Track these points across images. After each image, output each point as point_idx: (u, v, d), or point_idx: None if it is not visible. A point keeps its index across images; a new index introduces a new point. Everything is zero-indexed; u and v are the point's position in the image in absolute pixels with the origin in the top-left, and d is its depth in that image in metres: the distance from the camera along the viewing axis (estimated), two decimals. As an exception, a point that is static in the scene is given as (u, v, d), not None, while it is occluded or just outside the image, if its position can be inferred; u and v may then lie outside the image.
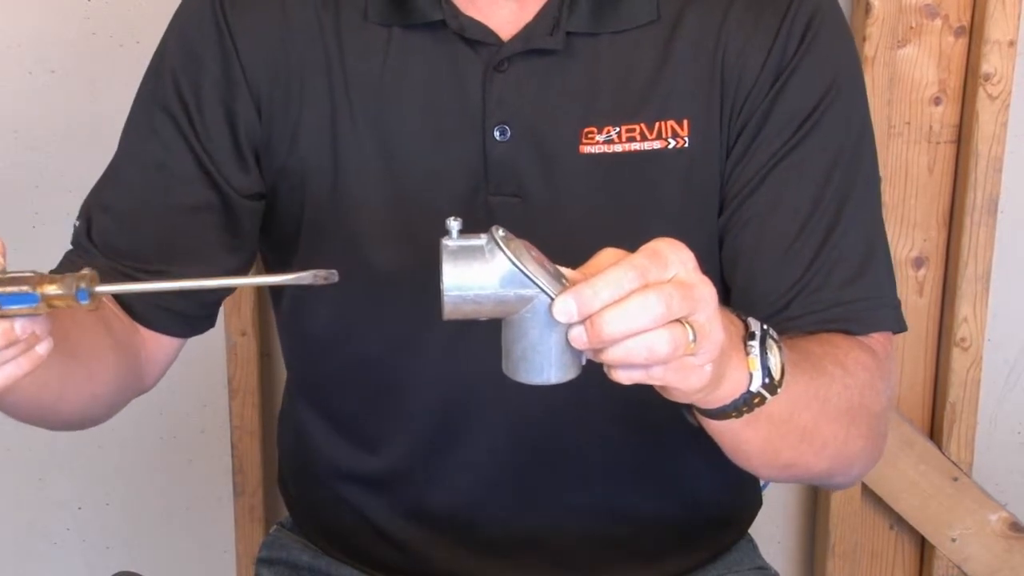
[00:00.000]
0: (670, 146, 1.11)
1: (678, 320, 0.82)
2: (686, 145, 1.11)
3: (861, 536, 1.92)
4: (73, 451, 1.89)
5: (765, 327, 0.94)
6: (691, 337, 0.82)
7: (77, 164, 1.78)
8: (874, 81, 1.73)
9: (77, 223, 1.18)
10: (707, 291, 0.84)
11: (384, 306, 1.15)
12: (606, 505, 1.21)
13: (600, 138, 1.11)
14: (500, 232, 0.84)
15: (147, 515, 1.93)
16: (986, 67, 1.75)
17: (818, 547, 1.96)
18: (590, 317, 0.81)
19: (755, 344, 0.93)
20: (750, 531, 1.34)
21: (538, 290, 0.83)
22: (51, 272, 0.90)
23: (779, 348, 0.95)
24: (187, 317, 1.18)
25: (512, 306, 0.84)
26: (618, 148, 1.11)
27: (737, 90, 1.11)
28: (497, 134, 1.11)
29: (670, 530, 1.24)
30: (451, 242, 0.85)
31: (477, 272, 0.84)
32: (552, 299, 0.82)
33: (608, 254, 0.84)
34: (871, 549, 1.95)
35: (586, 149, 1.11)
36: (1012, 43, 1.74)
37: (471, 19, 1.10)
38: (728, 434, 0.98)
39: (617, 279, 0.81)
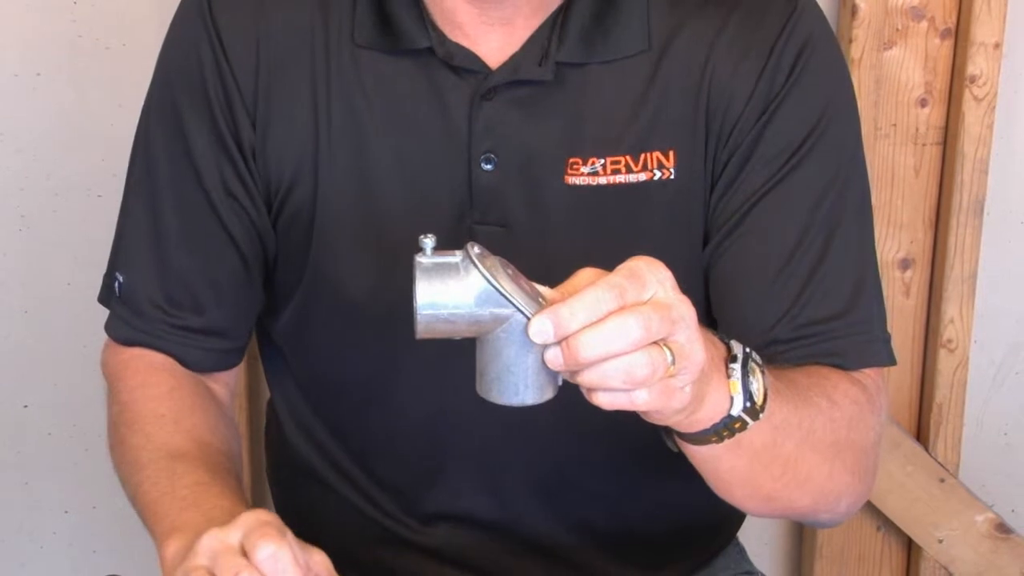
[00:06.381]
0: (655, 177, 1.10)
1: (656, 342, 0.81)
2: (672, 176, 1.09)
3: (848, 538, 1.92)
4: (59, 455, 1.89)
5: (748, 350, 0.93)
6: (670, 359, 0.81)
7: (63, 166, 1.78)
8: (860, 83, 1.73)
9: (121, 279, 1.18)
10: (686, 310, 0.83)
11: (367, 330, 1.15)
12: (594, 513, 1.21)
13: (585, 169, 1.09)
14: (475, 249, 0.83)
15: (134, 519, 1.91)
16: (972, 69, 1.75)
17: (805, 549, 1.96)
18: (566, 338, 0.80)
19: (737, 367, 0.91)
20: (738, 534, 1.34)
21: (514, 309, 0.81)
22: None
23: (762, 373, 0.94)
24: (238, 347, 1.21)
25: (487, 325, 0.82)
26: (602, 180, 1.09)
27: (724, 121, 1.09)
28: (483, 163, 1.09)
29: (659, 537, 1.24)
30: (425, 259, 0.83)
31: (451, 290, 0.82)
32: (528, 319, 0.80)
33: (587, 274, 0.83)
34: (858, 551, 1.95)
35: (571, 180, 1.09)
36: (998, 45, 1.74)
37: (458, 46, 1.09)
38: (709, 461, 0.97)
39: (595, 300, 0.80)
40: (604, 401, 0.83)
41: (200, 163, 1.13)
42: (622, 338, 0.80)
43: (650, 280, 0.82)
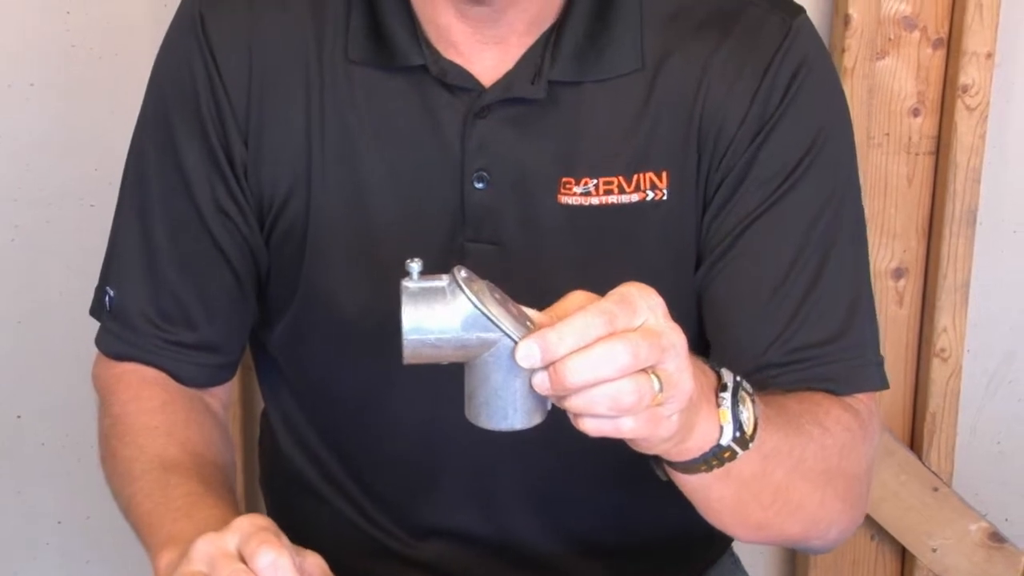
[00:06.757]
0: (648, 198, 1.09)
1: (644, 370, 0.80)
2: (665, 197, 1.09)
3: (842, 547, 1.92)
4: (53, 465, 1.89)
5: (738, 379, 0.92)
6: (657, 387, 0.80)
7: (56, 176, 1.78)
8: (853, 93, 1.74)
9: (112, 292, 1.18)
10: (676, 338, 0.82)
11: (360, 344, 1.14)
12: (587, 526, 1.20)
13: (578, 190, 1.09)
14: (462, 273, 0.82)
15: (128, 530, 1.91)
16: (964, 79, 1.75)
17: (799, 559, 1.96)
18: (553, 364, 0.79)
19: (727, 396, 0.90)
20: (732, 544, 1.34)
21: (501, 334, 0.80)
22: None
23: (752, 401, 0.92)
24: (231, 362, 1.21)
25: (474, 350, 0.81)
26: (595, 201, 1.09)
27: (716, 143, 1.08)
28: (476, 181, 1.09)
29: (653, 548, 1.23)
30: (411, 283, 0.82)
31: (438, 315, 0.81)
32: (515, 343, 0.79)
33: (577, 297, 0.82)
34: (852, 559, 1.95)
35: (564, 200, 1.09)
36: (990, 55, 1.75)
37: (452, 64, 1.08)
38: (699, 490, 0.95)
39: (584, 325, 0.79)
40: (590, 427, 0.81)
41: (192, 179, 1.13)
42: (609, 364, 0.78)
43: (641, 307, 0.81)
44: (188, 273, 1.15)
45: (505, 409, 0.82)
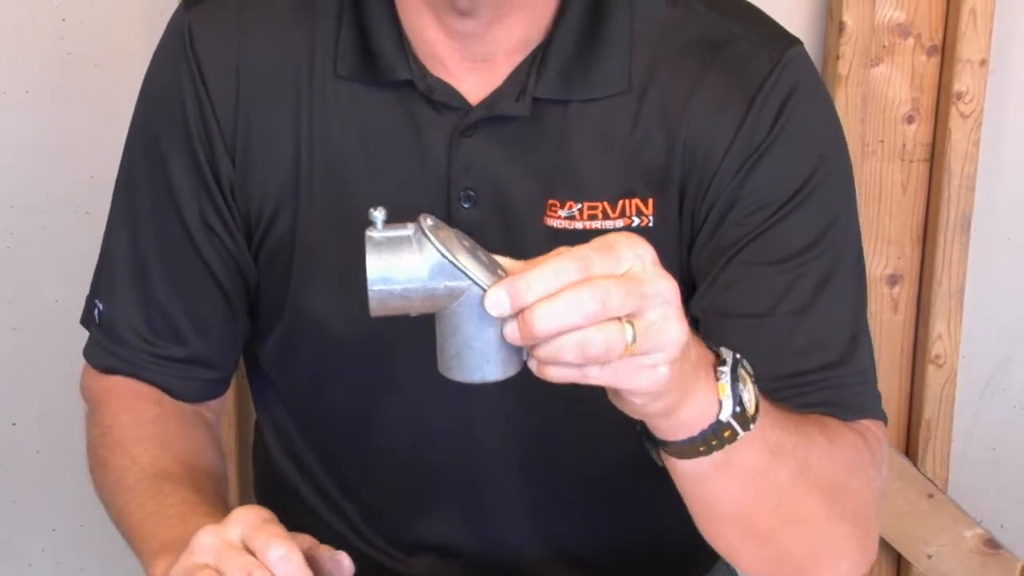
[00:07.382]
0: (634, 224, 1.07)
1: (621, 318, 0.76)
2: (651, 224, 1.07)
3: (837, 553, 1.92)
4: (47, 473, 1.88)
5: (738, 356, 0.89)
6: (630, 337, 0.77)
7: (51, 184, 1.78)
8: (848, 100, 1.74)
9: (101, 306, 1.18)
10: (663, 286, 0.78)
11: (349, 360, 1.14)
12: (580, 540, 1.19)
13: (562, 213, 1.07)
14: (428, 221, 0.80)
15: (122, 538, 1.92)
16: (958, 86, 1.76)
17: (795, 564, 1.96)
18: (522, 311, 0.76)
19: (726, 370, 0.87)
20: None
21: (469, 282, 0.78)
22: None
23: (752, 383, 0.89)
24: (224, 377, 1.21)
25: (443, 300, 0.79)
26: (579, 225, 1.07)
27: (702, 172, 1.06)
28: (463, 201, 1.08)
29: (647, 560, 1.22)
30: (376, 233, 0.80)
31: (404, 264, 0.79)
32: (484, 291, 0.77)
33: (560, 250, 0.79)
34: (848, 566, 1.95)
35: (549, 222, 1.07)
36: (984, 62, 1.75)
37: (439, 81, 1.07)
38: (696, 482, 0.92)
39: (555, 271, 0.76)
40: (553, 374, 0.78)
41: (179, 196, 1.13)
42: (576, 312, 0.75)
43: (625, 254, 0.78)
44: (177, 289, 1.15)
45: (478, 360, 0.79)
